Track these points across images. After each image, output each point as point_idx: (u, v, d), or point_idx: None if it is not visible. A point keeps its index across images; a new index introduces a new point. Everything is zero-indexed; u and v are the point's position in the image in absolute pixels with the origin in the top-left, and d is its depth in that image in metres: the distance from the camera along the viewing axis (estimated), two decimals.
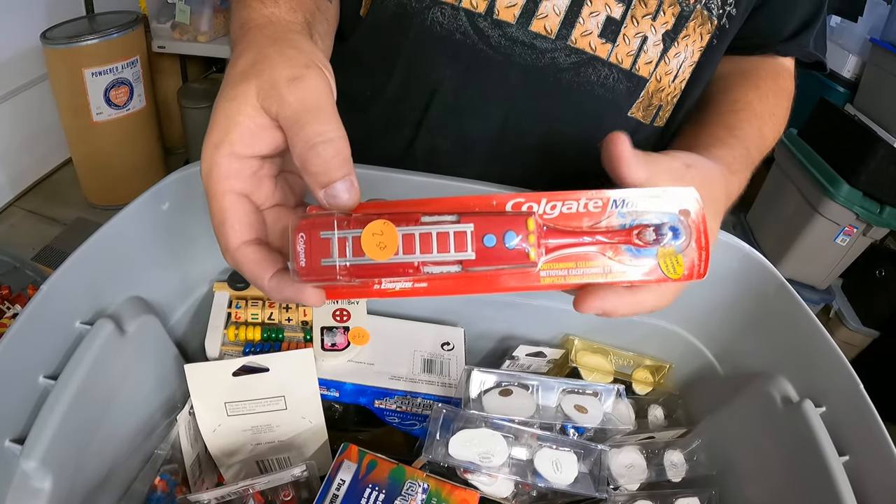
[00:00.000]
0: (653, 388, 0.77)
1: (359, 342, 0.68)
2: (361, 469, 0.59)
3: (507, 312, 0.76)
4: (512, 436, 0.61)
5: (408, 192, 0.64)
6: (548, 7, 0.69)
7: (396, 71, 0.77)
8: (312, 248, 0.42)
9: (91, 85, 2.90)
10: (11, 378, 0.51)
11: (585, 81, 0.73)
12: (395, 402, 0.66)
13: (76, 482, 0.54)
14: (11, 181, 3.39)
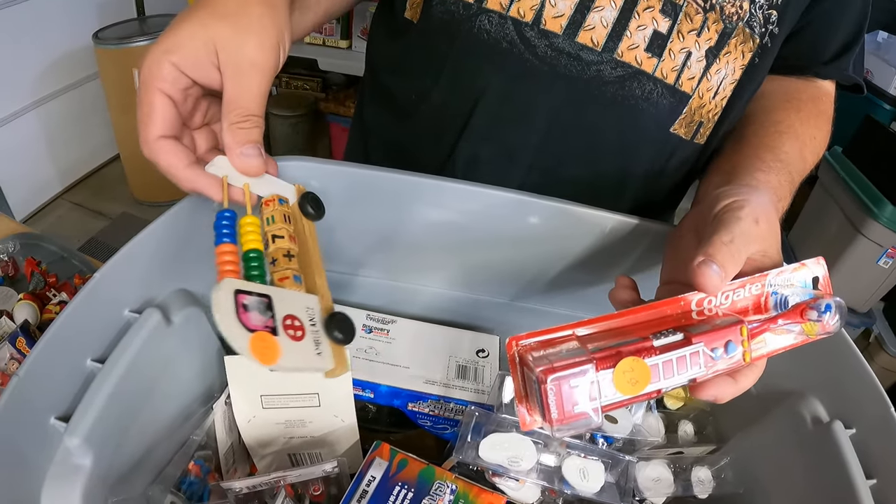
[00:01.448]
0: (684, 404, 0.77)
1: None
2: (392, 467, 0.60)
3: (544, 322, 0.75)
4: (541, 442, 0.61)
5: (449, 201, 0.66)
6: (595, 19, 0.69)
7: (442, 77, 0.78)
8: (563, 399, 0.43)
9: None
10: (60, 359, 0.53)
11: (630, 95, 0.73)
12: (429, 406, 0.68)
13: (114, 461, 0.56)
14: (60, 174, 3.48)
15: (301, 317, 0.48)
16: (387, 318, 0.75)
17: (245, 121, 0.50)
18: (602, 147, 0.78)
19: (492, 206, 0.66)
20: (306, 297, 0.50)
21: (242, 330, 0.43)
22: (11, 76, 3.03)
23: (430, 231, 0.70)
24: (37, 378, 0.51)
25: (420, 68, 0.81)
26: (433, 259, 0.74)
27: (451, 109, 0.79)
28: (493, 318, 0.77)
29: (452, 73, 0.77)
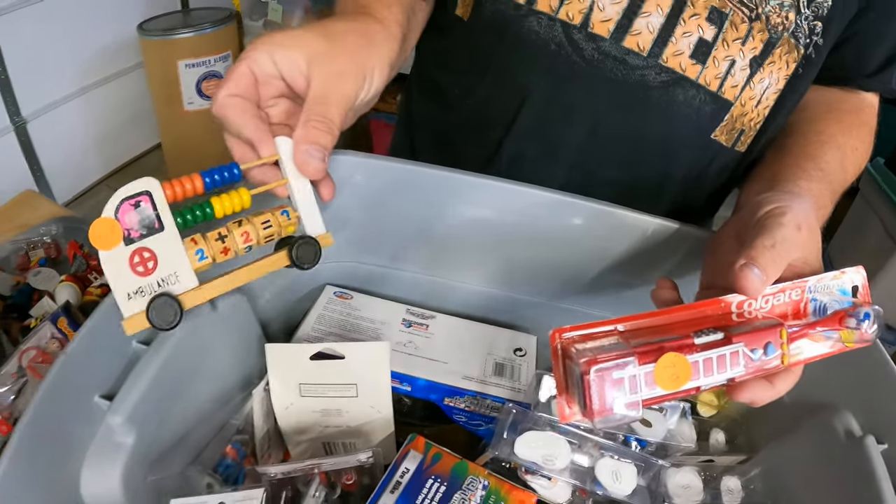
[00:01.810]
0: (717, 412, 0.77)
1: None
2: (426, 460, 0.61)
3: (578, 322, 0.76)
4: (576, 442, 0.62)
5: (492, 199, 0.67)
6: (642, 24, 0.70)
7: (488, 74, 0.79)
8: (604, 390, 0.44)
9: (184, 76, 3.02)
10: (106, 340, 0.55)
11: (673, 101, 0.74)
12: (465, 402, 0.68)
13: (154, 441, 0.57)
14: (102, 161, 3.53)
15: (164, 262, 0.48)
16: (426, 313, 0.76)
17: (322, 122, 0.52)
18: (643, 150, 0.79)
19: (535, 205, 0.67)
20: (185, 259, 0.49)
21: (111, 207, 0.46)
22: (58, 64, 3.08)
23: (471, 228, 0.70)
24: (83, 357, 0.53)
25: (467, 64, 0.82)
26: (473, 256, 0.74)
27: (497, 106, 0.80)
28: (530, 316, 0.78)
29: (499, 70, 0.79)
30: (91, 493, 0.54)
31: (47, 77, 3.05)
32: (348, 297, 0.76)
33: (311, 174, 0.53)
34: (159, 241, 0.47)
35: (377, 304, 0.77)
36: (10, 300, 1.23)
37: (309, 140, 0.52)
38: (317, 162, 0.52)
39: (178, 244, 0.48)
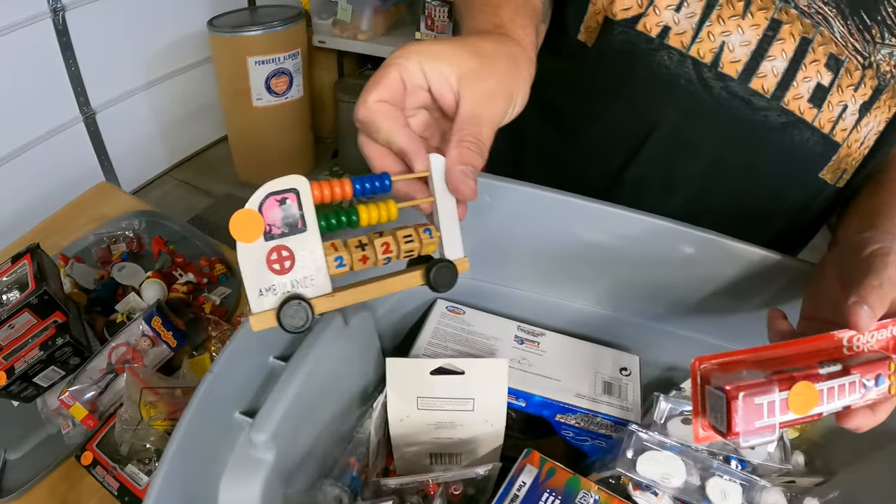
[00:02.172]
0: (799, 434, 0.78)
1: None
2: (541, 474, 0.62)
3: (680, 345, 0.78)
4: (690, 461, 0.64)
5: (609, 225, 0.69)
6: (767, 67, 0.72)
7: (618, 103, 0.81)
8: (748, 413, 0.47)
9: (253, 72, 3.06)
10: (246, 357, 0.58)
11: (790, 142, 0.76)
12: (576, 419, 0.70)
13: (289, 456, 0.60)
14: (168, 152, 3.61)
15: (301, 263, 0.46)
16: (536, 330, 0.77)
17: (475, 143, 0.51)
18: (756, 185, 0.82)
19: (649, 232, 0.68)
20: (323, 263, 0.47)
21: (256, 200, 0.45)
22: (127, 58, 3.16)
23: (584, 249, 0.72)
24: (226, 375, 0.55)
25: (594, 91, 0.84)
26: (582, 275, 0.76)
27: (624, 135, 0.83)
28: (630, 336, 0.79)
29: (629, 101, 0.81)
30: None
31: (116, 70, 3.13)
32: (461, 312, 0.78)
33: (467, 196, 0.51)
34: (300, 241, 0.46)
35: (489, 319, 0.78)
36: (94, 294, 1.26)
37: (464, 161, 0.50)
38: (473, 184, 0.50)
39: (318, 247, 0.47)
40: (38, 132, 2.87)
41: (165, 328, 1.08)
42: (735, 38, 0.73)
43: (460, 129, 0.51)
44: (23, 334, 1.01)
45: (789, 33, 0.72)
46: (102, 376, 1.03)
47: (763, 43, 0.72)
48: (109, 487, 0.94)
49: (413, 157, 0.50)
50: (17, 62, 2.66)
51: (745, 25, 0.72)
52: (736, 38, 0.73)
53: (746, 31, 0.72)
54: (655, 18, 0.75)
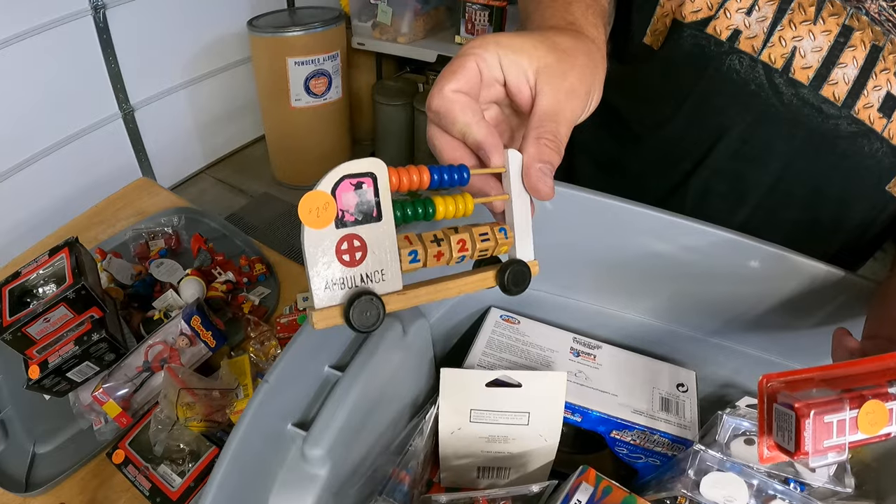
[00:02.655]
0: (850, 457, 0.76)
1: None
2: (597, 493, 0.60)
3: (736, 361, 0.76)
4: (752, 483, 0.61)
5: (672, 235, 0.67)
6: (839, 75, 0.70)
7: (685, 108, 0.79)
8: (817, 432, 0.46)
9: (293, 73, 3.08)
10: (301, 365, 0.55)
11: (859, 151, 0.74)
12: (632, 436, 0.67)
13: (342, 469, 0.57)
14: (206, 151, 3.66)
15: (374, 256, 0.42)
16: (592, 342, 0.74)
17: (553, 141, 0.48)
18: (824, 196, 0.80)
19: (714, 244, 0.66)
20: (396, 257, 0.43)
21: (329, 182, 0.40)
22: (166, 56, 3.21)
23: (643, 260, 0.69)
24: (281, 384, 0.53)
25: (659, 96, 0.82)
26: (639, 287, 0.73)
27: (691, 141, 0.81)
28: (687, 350, 0.76)
29: (697, 106, 0.79)
30: None
31: (156, 68, 3.17)
32: (515, 322, 0.75)
33: (545, 195, 0.48)
34: (373, 231, 0.42)
35: (544, 330, 0.75)
36: (131, 289, 1.25)
37: (543, 158, 0.47)
38: (549, 179, 0.48)
39: (392, 239, 0.43)
40: (78, 127, 2.91)
41: (205, 328, 1.07)
42: (807, 44, 0.71)
43: (539, 126, 0.48)
44: (58, 328, 1.01)
45: (860, 40, 0.70)
46: (138, 374, 1.01)
47: (834, 49, 0.70)
48: (141, 487, 0.93)
49: (490, 151, 0.48)
50: (59, 58, 2.70)
51: (816, 31, 0.70)
52: (808, 43, 0.71)
53: (818, 36, 0.70)
54: (726, 21, 0.73)
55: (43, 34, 2.60)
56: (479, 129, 0.47)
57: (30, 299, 1.03)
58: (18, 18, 2.50)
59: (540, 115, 0.49)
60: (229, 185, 3.62)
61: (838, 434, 0.47)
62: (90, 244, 1.35)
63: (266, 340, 1.10)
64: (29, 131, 2.71)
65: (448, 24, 3.41)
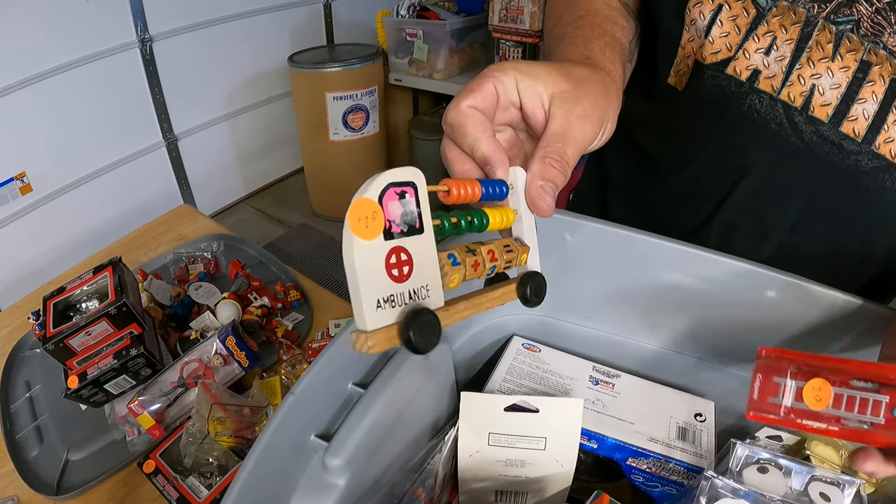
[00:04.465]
0: (875, 490, 0.75)
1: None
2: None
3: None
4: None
5: (692, 267, 0.68)
6: (858, 111, 0.70)
7: (708, 147, 0.81)
8: (764, 388, 0.52)
9: (331, 107, 3.16)
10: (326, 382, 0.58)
11: (881, 187, 0.73)
12: (648, 463, 0.68)
13: (360, 483, 0.59)
14: (245, 181, 3.74)
15: (419, 270, 0.39)
16: (611, 371, 0.76)
17: (558, 161, 0.50)
18: (848, 232, 0.80)
19: (732, 275, 0.67)
20: (437, 272, 0.41)
21: (376, 189, 0.37)
22: (210, 88, 3.32)
23: (663, 291, 0.71)
24: (306, 396, 0.55)
25: (684, 135, 0.84)
26: (660, 318, 0.74)
27: (714, 179, 0.82)
28: (707, 381, 0.76)
29: (720, 145, 0.80)
30: None
31: (199, 99, 3.28)
32: (536, 350, 0.77)
33: (544, 212, 0.50)
34: (417, 244, 0.39)
35: (564, 358, 0.77)
36: (170, 310, 1.29)
37: (545, 177, 0.49)
38: (551, 200, 0.49)
39: (433, 252, 0.40)
40: (123, 154, 3.01)
41: (239, 348, 1.10)
42: (825, 81, 0.71)
43: (546, 146, 0.51)
44: (98, 342, 1.05)
45: (879, 75, 0.69)
46: (173, 389, 1.05)
47: (853, 85, 0.70)
48: (169, 497, 0.95)
49: (496, 166, 0.49)
50: (107, 87, 2.81)
51: (834, 68, 0.71)
52: (826, 80, 0.71)
53: (836, 73, 0.71)
54: (745, 62, 0.75)
55: (92, 64, 2.71)
56: (487, 144, 0.49)
57: (73, 313, 1.08)
58: (69, 48, 2.61)
59: (549, 135, 0.51)
60: (268, 215, 3.69)
61: (783, 396, 0.52)
62: (132, 266, 1.39)
63: (297, 364, 1.12)
64: (76, 156, 2.81)
65: (483, 61, 3.46)
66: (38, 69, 2.53)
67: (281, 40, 3.55)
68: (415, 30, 3.29)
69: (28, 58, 2.48)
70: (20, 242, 2.72)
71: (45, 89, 2.57)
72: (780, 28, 0.72)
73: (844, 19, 0.70)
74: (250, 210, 3.73)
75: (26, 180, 2.65)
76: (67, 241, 2.85)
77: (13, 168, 2.60)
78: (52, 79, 2.58)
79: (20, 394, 1.18)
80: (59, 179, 2.78)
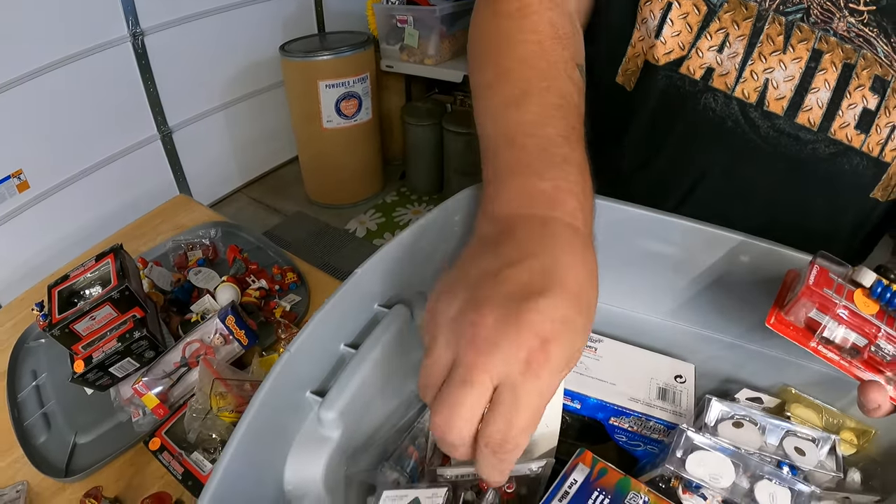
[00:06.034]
0: (856, 451, 0.77)
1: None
2: (593, 473, 0.64)
3: (735, 355, 0.79)
4: (740, 464, 0.64)
5: (676, 237, 0.72)
6: (812, 100, 0.73)
7: (666, 149, 0.83)
8: (820, 277, 0.57)
9: (324, 95, 3.18)
10: (320, 342, 0.61)
11: (840, 170, 0.76)
12: (629, 422, 0.71)
13: (353, 438, 0.62)
14: (241, 171, 3.77)
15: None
16: (594, 336, 0.79)
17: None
18: (812, 215, 0.82)
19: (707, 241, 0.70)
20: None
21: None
22: (203, 80, 3.34)
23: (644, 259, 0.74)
24: (301, 356, 0.58)
25: (640, 139, 0.85)
26: (641, 286, 0.78)
27: (674, 180, 0.84)
28: (688, 346, 0.79)
29: (677, 146, 0.82)
30: (295, 479, 0.59)
31: (193, 92, 3.31)
32: None
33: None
34: None
35: None
36: (170, 295, 1.32)
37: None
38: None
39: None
40: (119, 148, 3.04)
41: (238, 327, 1.13)
42: (778, 75, 0.73)
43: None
44: (102, 326, 1.08)
45: (830, 62, 0.72)
46: (175, 369, 1.08)
47: (806, 76, 0.72)
48: (174, 472, 0.99)
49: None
50: (100, 82, 2.84)
51: (787, 60, 0.73)
52: (779, 74, 0.73)
53: (789, 65, 0.73)
54: (699, 60, 0.76)
55: (85, 59, 2.73)
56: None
57: (77, 300, 1.11)
58: (61, 45, 2.64)
59: None
60: (264, 204, 3.73)
61: (836, 292, 0.55)
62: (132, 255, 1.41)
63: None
64: (72, 152, 2.85)
65: None
66: (31, 67, 2.56)
67: (272, 30, 3.57)
68: (405, 16, 3.31)
69: (20, 56, 2.51)
70: (19, 239, 2.75)
71: (39, 86, 2.60)
72: (733, 24, 0.73)
73: (794, 8, 0.71)
74: (246, 200, 3.76)
75: (23, 178, 2.68)
76: (67, 235, 2.88)
77: (10, 166, 2.63)
78: (45, 76, 2.61)
79: (27, 383, 1.20)
80: (55, 176, 2.82)
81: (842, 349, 0.56)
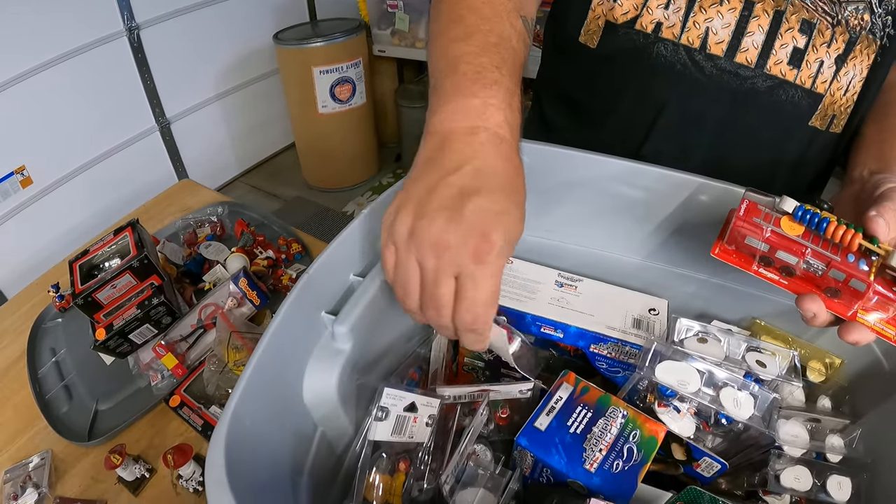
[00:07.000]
0: (826, 379, 0.83)
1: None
2: (576, 391, 0.71)
3: (706, 291, 0.86)
4: (704, 372, 0.71)
5: (643, 181, 0.79)
6: (748, 42, 0.85)
7: (628, 93, 0.94)
8: (749, 209, 0.62)
9: (318, 81, 3.23)
10: (331, 273, 0.69)
11: (777, 101, 0.87)
12: (608, 349, 0.78)
13: (363, 354, 0.70)
14: (239, 159, 3.82)
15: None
16: (575, 276, 0.86)
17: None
18: (757, 143, 0.93)
19: (672, 185, 0.78)
20: None
21: None
22: (199, 71, 3.39)
23: (617, 205, 0.82)
24: (317, 279, 0.66)
25: (607, 87, 0.97)
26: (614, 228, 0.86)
27: (638, 118, 0.95)
28: (661, 283, 0.87)
29: (638, 90, 0.93)
30: (312, 388, 0.66)
31: (189, 83, 3.35)
32: (509, 262, 0.88)
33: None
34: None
35: (534, 268, 0.87)
36: (183, 268, 1.39)
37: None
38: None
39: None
40: (119, 141, 3.09)
41: (251, 288, 1.21)
42: (717, 23, 0.85)
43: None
44: (123, 294, 1.14)
45: (762, 10, 0.83)
46: (192, 331, 1.16)
47: (741, 23, 0.84)
48: (194, 424, 1.06)
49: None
50: (98, 77, 2.88)
51: (723, 10, 0.84)
52: (717, 22, 0.85)
53: (725, 14, 0.85)
54: (649, 17, 0.88)
55: (82, 55, 2.77)
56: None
57: (97, 272, 1.17)
58: (59, 41, 2.68)
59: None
60: (263, 190, 3.79)
61: (765, 219, 0.61)
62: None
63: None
64: (73, 146, 2.90)
65: None
66: (30, 65, 2.60)
67: (266, 19, 3.61)
68: (395, 1, 3.36)
69: (18, 54, 2.55)
70: (25, 234, 2.80)
71: (39, 83, 2.64)
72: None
73: None
74: (246, 187, 3.82)
75: (26, 173, 2.72)
76: (71, 229, 2.93)
77: (13, 162, 2.67)
78: (44, 73, 2.65)
79: (46, 359, 1.24)
80: (58, 170, 2.86)
81: (781, 270, 0.63)
